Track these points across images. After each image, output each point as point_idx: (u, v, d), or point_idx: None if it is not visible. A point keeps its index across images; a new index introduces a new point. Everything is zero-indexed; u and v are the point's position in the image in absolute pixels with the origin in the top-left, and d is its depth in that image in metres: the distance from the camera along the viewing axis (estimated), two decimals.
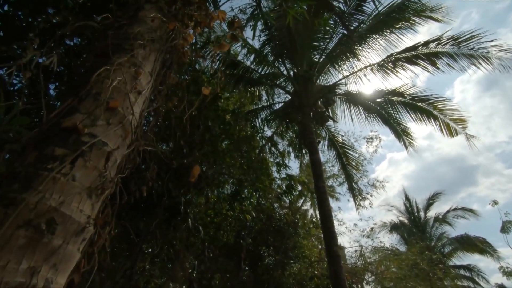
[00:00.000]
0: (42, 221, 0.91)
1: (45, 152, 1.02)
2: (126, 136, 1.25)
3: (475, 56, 7.22)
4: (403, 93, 8.69)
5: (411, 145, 9.88)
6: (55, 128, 1.08)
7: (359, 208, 10.97)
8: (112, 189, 1.16)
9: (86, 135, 1.10)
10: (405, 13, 7.57)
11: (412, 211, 16.23)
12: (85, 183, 1.06)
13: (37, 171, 0.97)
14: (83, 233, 1.03)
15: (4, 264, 0.81)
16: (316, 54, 9.01)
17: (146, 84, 1.42)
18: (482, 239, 13.17)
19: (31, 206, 0.91)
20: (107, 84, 1.23)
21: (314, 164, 7.28)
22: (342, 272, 5.59)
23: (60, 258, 0.94)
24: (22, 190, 0.93)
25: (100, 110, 1.17)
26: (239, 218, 7.89)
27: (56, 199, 0.96)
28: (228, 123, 7.60)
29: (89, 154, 1.09)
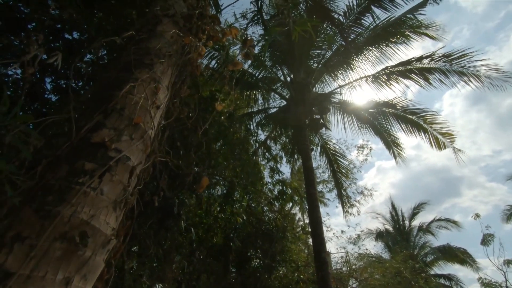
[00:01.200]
0: (76, 234, 0.96)
1: (75, 166, 1.07)
2: (146, 150, 1.32)
3: (466, 74, 7.52)
4: (395, 105, 8.94)
5: (399, 156, 10.17)
6: (84, 142, 1.13)
7: (347, 215, 11.18)
8: (133, 202, 1.22)
9: (112, 150, 1.16)
10: (401, 28, 7.81)
11: (398, 220, 16.62)
12: (111, 196, 1.12)
13: (69, 185, 1.02)
14: (108, 245, 1.09)
15: (43, 274, 0.86)
16: (313, 62, 9.18)
17: (164, 98, 1.48)
18: (463, 249, 13.62)
19: (66, 219, 0.97)
20: (130, 100, 1.28)
21: (307, 171, 7.42)
22: (329, 278, 5.73)
23: (90, 269, 0.99)
24: (57, 203, 0.98)
25: (124, 126, 1.22)
26: (230, 220, 7.94)
27: (87, 212, 1.02)
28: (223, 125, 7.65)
29: (115, 168, 1.14)
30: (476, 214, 9.50)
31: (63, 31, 4.21)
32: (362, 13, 7.36)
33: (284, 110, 9.22)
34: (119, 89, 1.27)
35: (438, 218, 15.77)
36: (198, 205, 7.18)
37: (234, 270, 9.01)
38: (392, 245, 15.93)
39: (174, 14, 1.78)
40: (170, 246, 5.77)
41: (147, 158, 1.34)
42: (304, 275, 9.40)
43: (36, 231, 0.91)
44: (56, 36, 4.20)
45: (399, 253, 11.16)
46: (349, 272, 10.54)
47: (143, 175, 1.35)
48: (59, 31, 4.19)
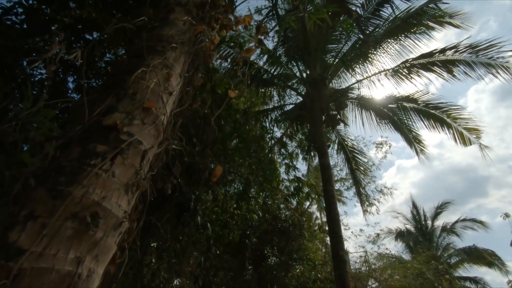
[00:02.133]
0: (87, 214, 0.96)
1: (87, 148, 1.07)
2: (158, 136, 1.31)
3: (493, 65, 7.11)
4: (416, 99, 8.61)
5: (422, 153, 9.78)
6: (97, 126, 1.13)
7: (366, 214, 10.90)
8: (145, 186, 1.21)
9: (124, 134, 1.15)
10: (422, 18, 7.48)
11: (419, 219, 16.04)
12: (123, 179, 1.11)
13: (81, 166, 1.02)
14: (120, 227, 1.08)
15: (54, 252, 0.86)
16: (330, 57, 9.00)
17: (176, 85, 1.47)
18: (491, 251, 12.95)
19: (77, 200, 0.97)
20: (142, 85, 1.28)
21: (324, 168, 7.28)
22: (347, 277, 5.60)
23: (101, 250, 0.99)
24: (68, 183, 0.98)
25: (136, 110, 1.22)
26: (246, 217, 7.93)
27: (98, 193, 1.02)
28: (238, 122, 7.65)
29: (127, 152, 1.14)
30: (505, 213, 8.98)
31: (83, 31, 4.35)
32: (381, 4, 7.12)
33: (300, 106, 9.09)
34: (131, 75, 1.27)
35: (463, 218, 15.07)
36: (214, 202, 7.22)
37: (250, 267, 9.02)
38: (413, 246, 15.39)
39: (186, 2, 1.76)
40: (187, 241, 5.83)
41: (160, 145, 1.33)
42: (321, 274, 9.26)
43: (48, 210, 0.91)
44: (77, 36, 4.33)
45: (421, 254, 10.76)
46: (369, 272, 10.28)
47: (156, 162, 1.35)
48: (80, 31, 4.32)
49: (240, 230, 8.19)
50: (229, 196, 7.95)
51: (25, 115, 1.12)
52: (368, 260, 11.06)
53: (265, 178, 8.13)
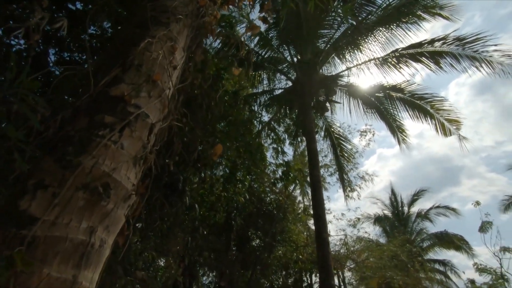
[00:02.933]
0: (98, 185, 0.94)
1: (95, 118, 1.03)
2: (163, 110, 1.28)
3: (478, 59, 7.32)
4: (403, 89, 8.78)
5: (404, 142, 10.09)
6: (103, 96, 1.09)
7: (348, 199, 11.27)
8: (152, 160, 1.19)
9: (132, 106, 1.12)
10: (414, 8, 7.52)
11: (397, 206, 16.80)
12: (131, 152, 1.09)
13: (89, 137, 0.99)
14: (129, 200, 1.07)
15: (67, 222, 0.84)
16: (321, 42, 8.94)
17: (180, 59, 1.43)
18: (460, 236, 13.84)
19: (87, 170, 0.94)
20: (148, 57, 1.23)
21: (311, 153, 7.41)
22: (329, 257, 5.85)
23: (112, 221, 0.98)
24: (77, 153, 0.95)
25: (143, 82, 1.18)
26: (232, 200, 8.02)
27: (108, 165, 0.99)
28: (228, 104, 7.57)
29: (134, 124, 1.11)
30: (476, 201, 9.54)
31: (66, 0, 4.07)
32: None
33: (290, 91, 9.08)
34: (135, 45, 1.22)
35: (437, 205, 15.93)
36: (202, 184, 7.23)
37: (235, 248, 9.22)
38: (390, 230, 16.19)
39: None
40: (174, 222, 5.85)
41: (164, 120, 1.30)
42: (303, 255, 9.62)
43: (58, 180, 0.88)
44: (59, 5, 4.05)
45: (397, 238, 11.35)
46: (347, 253, 10.77)
47: (159, 137, 1.32)
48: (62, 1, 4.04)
49: (226, 212, 8.30)
50: (215, 178, 7.98)
51: (8, 87, 1.06)
52: (347, 242, 11.55)
53: (252, 162, 8.19)
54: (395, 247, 10.80)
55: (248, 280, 8.83)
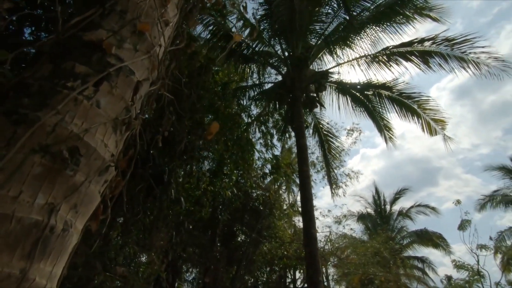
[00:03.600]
0: (64, 149, 0.71)
1: (62, 66, 0.80)
2: (153, 70, 1.05)
3: (466, 60, 7.41)
4: (392, 87, 8.81)
5: (391, 140, 10.18)
6: (75, 41, 0.85)
7: (334, 196, 11.29)
8: (137, 128, 0.97)
9: (112, 57, 0.89)
10: (406, 7, 7.52)
11: (380, 204, 17.10)
12: (111, 113, 0.86)
13: (54, 87, 0.75)
14: (106, 173, 0.84)
15: (15, 194, 0.61)
16: (312, 37, 8.83)
17: (173, 17, 1.20)
18: (439, 234, 14.24)
19: (49, 129, 0.70)
20: (134, 4, 1.00)
21: (301, 148, 7.28)
22: (317, 254, 5.76)
23: (81, 199, 0.75)
24: (36, 107, 0.71)
25: (126, 31, 0.95)
26: (219, 194, 7.80)
27: (78, 124, 0.76)
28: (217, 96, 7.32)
29: (115, 79, 0.88)
30: (457, 200, 9.79)
31: None
32: None
33: (280, 85, 8.91)
34: None
35: (418, 204, 16.34)
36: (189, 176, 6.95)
37: (220, 244, 9.02)
38: (372, 228, 16.46)
39: None
40: (158, 215, 5.57)
41: (153, 84, 1.07)
42: (288, 252, 9.55)
43: (6, 138, 0.65)
44: None
45: (381, 235, 11.50)
46: (332, 250, 10.80)
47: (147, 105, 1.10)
48: None
49: (212, 207, 8.08)
50: (202, 172, 7.73)
51: None
52: (332, 239, 11.59)
53: (240, 156, 7.98)
54: (378, 244, 10.94)
55: (232, 277, 8.66)
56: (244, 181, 8.76)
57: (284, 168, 6.91)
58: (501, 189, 14.98)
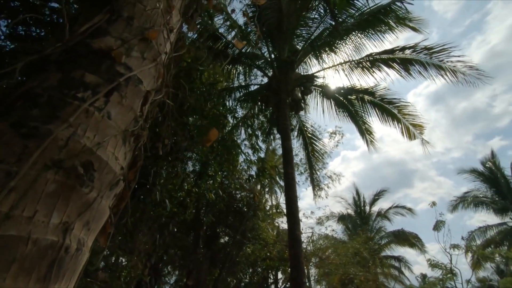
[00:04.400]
0: (78, 164, 0.67)
1: (72, 75, 0.76)
2: (158, 78, 1.02)
3: (444, 68, 7.77)
4: (374, 93, 9.09)
5: (372, 144, 10.50)
6: (83, 48, 0.81)
7: (316, 197, 11.47)
8: (145, 138, 0.94)
9: (121, 66, 0.86)
10: (388, 16, 7.78)
11: (360, 205, 17.56)
12: (121, 124, 0.82)
13: (63, 98, 0.71)
14: (116, 187, 0.81)
15: (30, 215, 0.57)
16: (299, 41, 8.95)
17: (176, 22, 1.18)
18: (415, 234, 14.83)
19: (61, 143, 0.67)
20: (141, 10, 0.97)
21: (286, 151, 7.34)
22: (301, 255, 5.82)
23: (94, 215, 0.71)
24: (46, 119, 0.67)
25: (134, 39, 0.92)
26: (203, 196, 7.72)
27: (90, 138, 0.72)
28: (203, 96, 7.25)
29: (125, 89, 0.84)
30: (433, 202, 10.26)
31: None
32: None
33: (266, 87, 8.95)
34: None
35: (396, 205, 16.94)
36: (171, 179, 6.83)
37: (203, 246, 8.91)
38: (352, 228, 16.89)
39: None
40: (141, 218, 5.43)
41: (157, 91, 1.05)
42: (272, 253, 9.59)
43: (16, 154, 0.61)
44: None
45: (361, 235, 11.82)
46: (314, 250, 10.97)
47: (151, 112, 1.07)
48: None
49: (195, 208, 7.99)
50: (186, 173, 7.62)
51: None
52: (314, 240, 11.78)
53: (225, 158, 7.94)
54: (359, 245, 11.23)
55: (215, 279, 8.58)
56: (229, 183, 8.73)
57: (269, 170, 6.94)
58: (471, 191, 15.85)
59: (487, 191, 15.77)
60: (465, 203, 15.31)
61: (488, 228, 15.00)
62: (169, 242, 6.91)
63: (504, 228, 14.83)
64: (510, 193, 15.16)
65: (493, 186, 15.56)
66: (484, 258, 11.21)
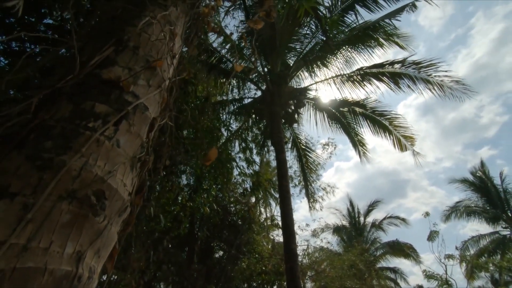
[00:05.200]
0: (90, 194, 0.70)
1: (82, 106, 0.79)
2: (162, 103, 1.06)
3: (431, 82, 8.02)
4: (365, 105, 9.29)
5: (364, 155, 10.64)
6: (92, 80, 0.85)
7: (312, 210, 11.46)
8: (150, 164, 0.97)
9: (129, 94, 0.89)
10: (377, 32, 8.06)
11: (354, 216, 17.57)
12: (129, 151, 0.85)
13: (76, 129, 0.74)
14: (124, 213, 0.83)
15: (46, 246, 0.59)
16: (292, 55, 9.17)
17: (178, 48, 1.23)
18: (410, 245, 14.84)
19: (74, 173, 0.69)
20: (146, 40, 1.02)
21: (280, 163, 7.37)
22: (297, 269, 5.77)
23: (104, 242, 0.73)
24: (60, 150, 0.70)
25: (140, 68, 0.96)
26: (198, 210, 7.66)
27: (101, 167, 0.75)
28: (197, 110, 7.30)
29: (133, 117, 0.88)
30: (426, 212, 10.34)
31: None
32: (346, 11, 7.46)
33: (260, 101, 9.07)
34: (130, 24, 1.00)
35: (390, 216, 17.01)
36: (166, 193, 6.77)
37: (197, 261, 8.75)
38: (347, 239, 16.82)
39: None
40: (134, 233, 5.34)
41: (161, 114, 1.08)
42: (267, 267, 9.46)
43: (32, 186, 0.63)
44: None
45: (356, 247, 11.78)
46: (309, 263, 10.87)
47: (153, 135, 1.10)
48: None
49: (189, 223, 7.90)
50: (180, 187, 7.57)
51: None
52: (309, 253, 11.69)
53: (220, 171, 7.93)
54: (354, 256, 11.18)
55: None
56: (223, 196, 8.69)
57: (264, 184, 6.95)
58: (463, 200, 16.06)
59: (478, 200, 16.01)
60: (458, 213, 15.48)
61: (481, 237, 15.14)
62: (163, 258, 6.77)
63: (497, 237, 14.99)
64: (501, 202, 15.42)
65: (484, 195, 15.82)
66: (478, 268, 11.27)
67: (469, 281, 10.99)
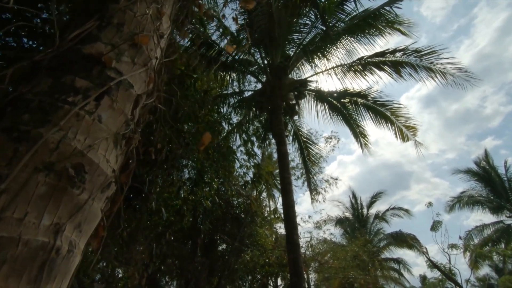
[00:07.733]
0: (68, 166, 0.68)
1: (62, 80, 0.77)
2: (149, 83, 1.04)
3: (434, 70, 7.91)
4: (367, 95, 9.20)
5: (366, 147, 10.58)
6: (73, 54, 0.83)
7: (314, 202, 11.48)
8: (137, 141, 0.95)
9: (112, 70, 0.87)
10: (378, 20, 7.93)
11: (357, 208, 17.58)
12: (112, 128, 0.84)
13: (54, 103, 0.72)
14: (108, 190, 0.81)
15: (20, 216, 0.58)
16: (292, 47, 9.06)
17: (167, 29, 1.20)
18: (413, 235, 14.85)
19: (52, 146, 0.67)
20: (130, 16, 0.99)
21: (281, 155, 7.36)
22: (300, 260, 5.80)
23: (85, 217, 0.72)
24: (37, 123, 0.68)
25: (124, 44, 0.93)
26: (200, 203, 7.68)
27: (81, 141, 0.73)
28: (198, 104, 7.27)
29: (116, 93, 0.86)
30: (429, 202, 10.32)
31: None
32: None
33: (260, 93, 9.02)
34: (114, 1, 0.98)
35: (393, 207, 17.00)
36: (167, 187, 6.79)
37: (200, 254, 8.82)
38: (350, 231, 16.86)
39: None
40: (136, 227, 5.38)
41: (148, 96, 1.06)
42: (270, 259, 9.52)
43: (8, 157, 0.61)
44: None
45: (360, 239, 11.81)
46: (313, 255, 10.91)
47: (142, 117, 1.08)
48: None
49: (192, 216, 7.94)
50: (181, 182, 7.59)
51: None
52: (313, 245, 11.73)
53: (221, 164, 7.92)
54: (357, 248, 11.21)
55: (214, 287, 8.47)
56: (225, 189, 8.71)
57: (266, 176, 6.94)
58: (467, 191, 15.98)
59: (482, 190, 15.93)
60: (461, 203, 15.42)
61: (484, 227, 15.11)
62: (166, 252, 6.83)
63: (501, 226, 14.94)
64: (505, 191, 15.33)
65: (488, 185, 15.73)
66: (482, 257, 11.26)
67: (473, 270, 11.00)
